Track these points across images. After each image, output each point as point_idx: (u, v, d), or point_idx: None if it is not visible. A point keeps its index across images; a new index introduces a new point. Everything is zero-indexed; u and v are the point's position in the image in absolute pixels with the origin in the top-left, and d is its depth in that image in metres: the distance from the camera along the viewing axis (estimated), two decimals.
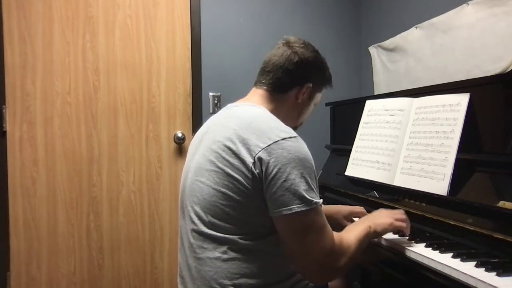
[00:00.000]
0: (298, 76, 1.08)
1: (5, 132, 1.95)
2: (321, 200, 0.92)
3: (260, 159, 0.89)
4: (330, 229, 0.93)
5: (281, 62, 1.08)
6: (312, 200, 0.89)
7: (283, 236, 0.93)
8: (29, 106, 1.98)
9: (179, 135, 2.20)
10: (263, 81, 1.10)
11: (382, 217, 1.09)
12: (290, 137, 0.92)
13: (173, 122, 2.22)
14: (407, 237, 1.12)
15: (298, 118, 1.16)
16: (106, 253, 2.11)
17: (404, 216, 1.12)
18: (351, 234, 0.99)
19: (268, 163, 0.89)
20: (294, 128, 1.16)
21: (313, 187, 0.91)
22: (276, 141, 0.90)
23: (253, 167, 0.90)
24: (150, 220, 2.18)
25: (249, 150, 0.91)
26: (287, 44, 1.10)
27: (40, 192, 2.00)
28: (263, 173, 0.89)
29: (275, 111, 1.06)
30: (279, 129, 0.94)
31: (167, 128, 2.21)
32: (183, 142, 2.21)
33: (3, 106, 1.94)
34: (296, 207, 0.87)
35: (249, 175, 0.90)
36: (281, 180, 0.88)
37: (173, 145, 2.22)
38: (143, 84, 2.16)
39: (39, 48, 1.99)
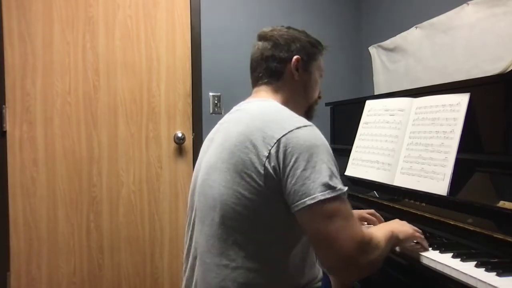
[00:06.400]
0: (280, 57, 1.06)
1: (5, 132, 1.95)
2: (346, 188, 0.86)
3: (276, 151, 0.86)
4: (357, 220, 0.88)
5: (259, 55, 1.08)
6: (336, 187, 0.84)
7: (308, 230, 0.87)
8: (29, 106, 1.98)
9: (179, 135, 2.20)
10: (256, 79, 1.10)
11: (402, 225, 1.06)
12: (305, 126, 0.89)
13: (173, 122, 2.22)
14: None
15: (306, 94, 1.11)
16: (106, 253, 2.11)
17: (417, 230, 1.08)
18: (379, 232, 0.94)
19: (285, 153, 0.85)
20: (311, 106, 1.15)
21: (335, 174, 0.86)
22: (291, 130, 0.87)
23: (266, 162, 0.86)
24: (150, 220, 2.18)
25: (264, 143, 0.87)
26: (259, 38, 1.10)
27: (40, 192, 2.00)
28: (280, 166, 0.85)
29: (285, 99, 1.05)
30: (293, 119, 0.91)
31: (167, 128, 2.21)
32: (183, 142, 2.21)
33: (3, 106, 1.94)
34: (320, 195, 0.82)
35: (261, 171, 0.86)
36: (300, 169, 0.83)
37: (173, 145, 2.22)
38: (143, 84, 2.16)
39: (39, 48, 1.99)
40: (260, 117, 0.93)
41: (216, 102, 2.29)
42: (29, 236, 1.98)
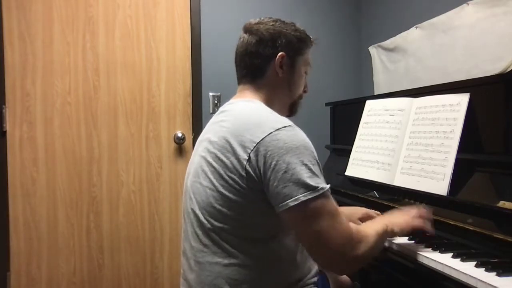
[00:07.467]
0: (264, 54, 1.03)
1: (5, 132, 1.95)
2: (328, 186, 0.87)
3: (255, 155, 0.87)
4: (344, 216, 0.89)
5: (244, 49, 1.06)
6: (318, 186, 0.84)
7: (296, 231, 0.89)
8: (29, 106, 1.98)
9: (179, 135, 2.20)
10: (240, 75, 1.09)
11: (398, 217, 1.05)
12: (285, 127, 0.89)
13: (173, 122, 2.22)
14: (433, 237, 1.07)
15: (291, 91, 1.09)
16: (106, 253, 2.11)
17: (423, 213, 1.06)
18: (367, 226, 0.96)
19: (265, 157, 0.86)
20: (295, 102, 1.13)
21: (316, 173, 0.87)
22: (270, 133, 0.87)
23: (247, 165, 0.87)
24: (150, 220, 2.18)
25: (243, 147, 0.89)
26: (245, 30, 1.07)
27: (40, 192, 2.00)
28: (260, 169, 0.86)
29: (268, 98, 1.05)
30: (273, 120, 0.91)
31: (167, 128, 2.21)
32: (183, 142, 2.21)
33: (3, 106, 1.94)
34: (302, 196, 0.83)
35: (243, 174, 0.88)
36: (281, 172, 0.84)
37: (173, 145, 2.22)
38: (143, 84, 2.16)
39: (39, 48, 1.99)
40: (241, 120, 0.94)
41: (216, 102, 2.29)
42: (29, 236, 1.98)
